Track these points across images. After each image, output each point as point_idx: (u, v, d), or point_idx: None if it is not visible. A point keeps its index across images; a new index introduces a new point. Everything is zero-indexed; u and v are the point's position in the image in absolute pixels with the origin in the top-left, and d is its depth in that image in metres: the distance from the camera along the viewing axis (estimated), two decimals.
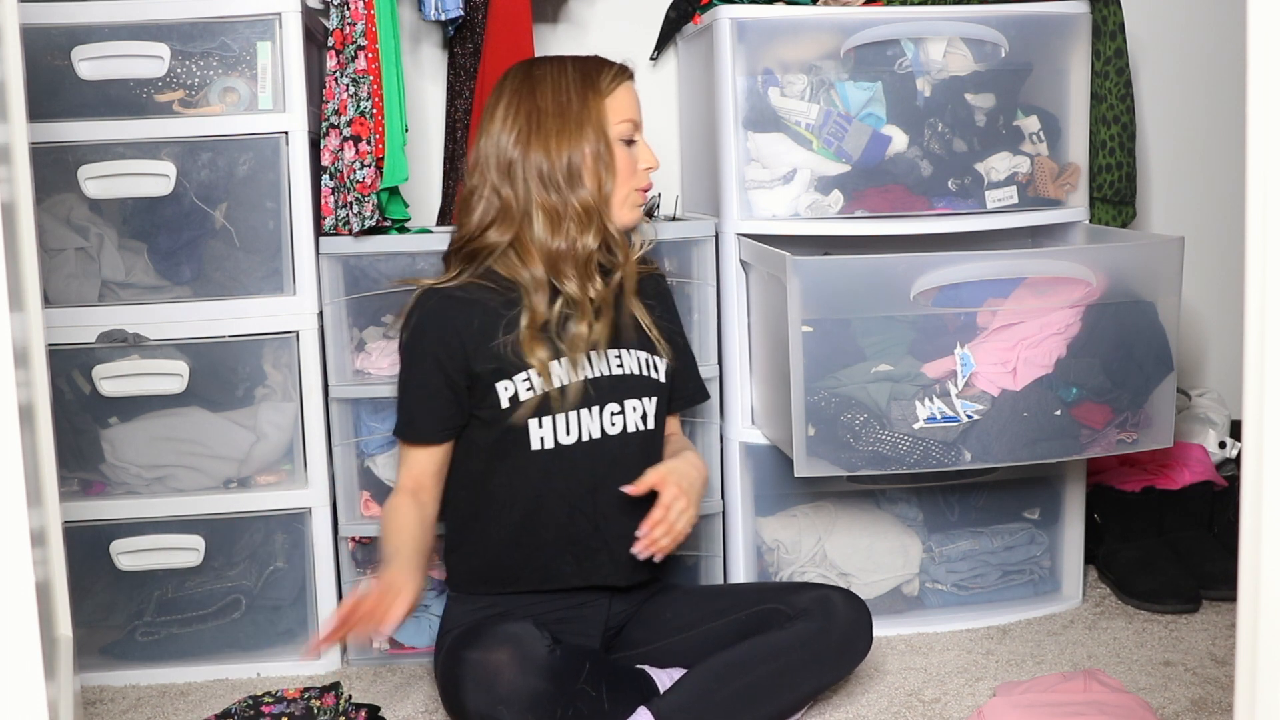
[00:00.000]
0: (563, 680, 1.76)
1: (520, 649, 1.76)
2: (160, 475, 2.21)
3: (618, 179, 1.95)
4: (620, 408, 1.97)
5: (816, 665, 1.90)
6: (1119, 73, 2.48)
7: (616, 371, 1.98)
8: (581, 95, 1.95)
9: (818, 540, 2.32)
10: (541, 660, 1.76)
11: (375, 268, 2.23)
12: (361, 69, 2.16)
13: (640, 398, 1.99)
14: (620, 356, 1.99)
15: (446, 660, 1.85)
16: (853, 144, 2.24)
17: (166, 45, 2.14)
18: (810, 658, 1.88)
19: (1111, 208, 2.54)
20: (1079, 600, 2.43)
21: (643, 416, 1.99)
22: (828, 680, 1.94)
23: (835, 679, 1.96)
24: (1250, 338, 0.97)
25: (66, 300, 2.16)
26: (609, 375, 1.97)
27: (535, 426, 1.92)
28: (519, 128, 1.94)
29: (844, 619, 1.91)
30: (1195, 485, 2.58)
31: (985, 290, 2.06)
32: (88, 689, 2.16)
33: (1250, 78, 0.96)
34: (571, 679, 1.78)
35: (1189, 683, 2.05)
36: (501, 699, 1.73)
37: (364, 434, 2.26)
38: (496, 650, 1.76)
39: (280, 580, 2.25)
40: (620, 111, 1.96)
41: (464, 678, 1.76)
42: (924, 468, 2.06)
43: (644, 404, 2.00)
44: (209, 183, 2.17)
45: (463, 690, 1.76)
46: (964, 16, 2.27)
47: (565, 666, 1.78)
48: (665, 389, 2.04)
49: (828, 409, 2.03)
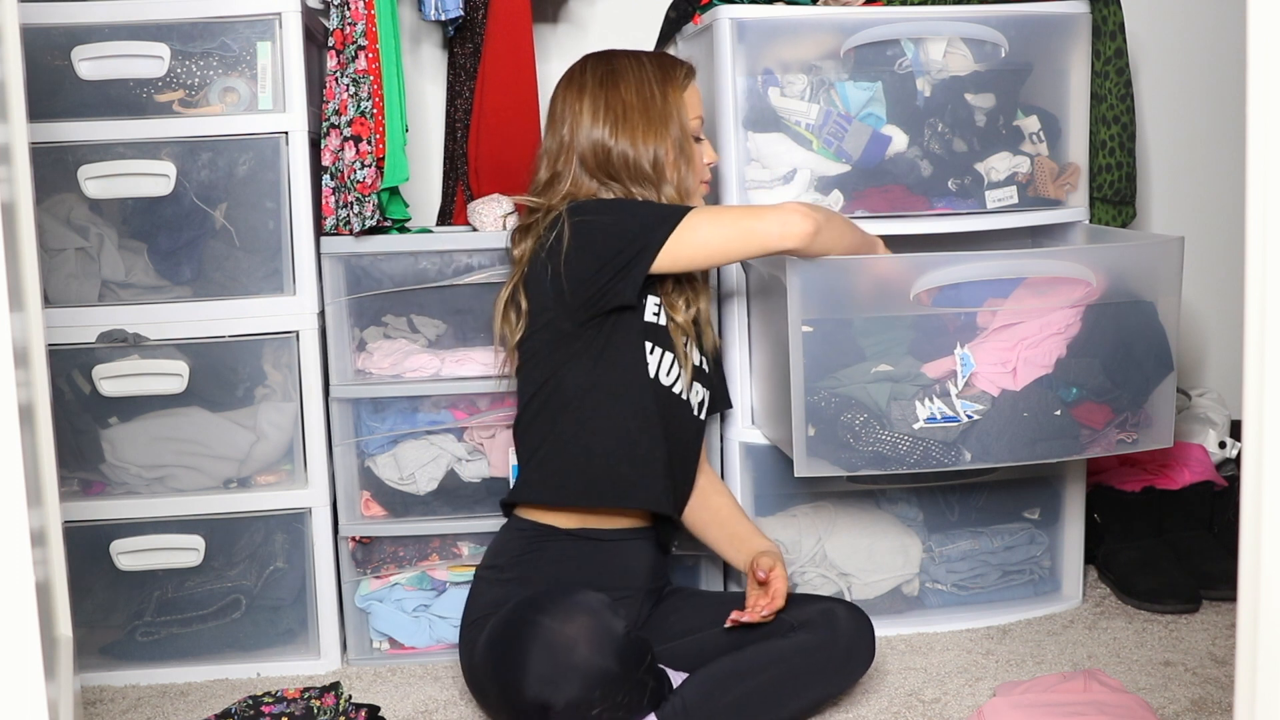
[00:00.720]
0: (629, 663, 1.75)
1: (599, 624, 1.73)
2: (160, 475, 2.21)
3: (694, 173, 2.06)
4: (697, 388, 2.08)
5: (819, 675, 1.90)
6: (1119, 73, 2.48)
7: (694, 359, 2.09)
8: (663, 90, 2.04)
9: (818, 540, 2.32)
10: (617, 639, 1.74)
11: (376, 268, 2.23)
12: (362, 69, 2.16)
13: (704, 385, 2.11)
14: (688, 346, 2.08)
15: (506, 626, 1.80)
16: (853, 144, 2.24)
17: (166, 45, 2.14)
18: (813, 668, 1.89)
19: (1111, 208, 2.54)
20: (1079, 600, 2.43)
21: (701, 403, 2.10)
22: (830, 691, 1.95)
23: (837, 690, 1.97)
24: (1250, 338, 0.97)
25: (66, 300, 2.16)
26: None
27: (649, 351, 2.00)
28: (610, 120, 2.02)
29: (847, 631, 1.92)
30: (1195, 485, 2.58)
31: (985, 290, 2.06)
32: (88, 689, 2.16)
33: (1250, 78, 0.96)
34: (636, 664, 1.77)
35: (1189, 683, 2.05)
36: (570, 669, 1.69)
37: (364, 434, 2.26)
38: (574, 621, 1.73)
39: (280, 580, 2.25)
40: (694, 107, 2.08)
41: (533, 642, 1.72)
42: (924, 468, 2.06)
43: (704, 392, 2.12)
44: (209, 183, 2.17)
45: (528, 654, 1.72)
46: (964, 16, 2.27)
47: (633, 651, 1.77)
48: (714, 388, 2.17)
49: (828, 409, 2.02)
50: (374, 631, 2.28)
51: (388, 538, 2.28)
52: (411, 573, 2.28)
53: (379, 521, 2.27)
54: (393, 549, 2.29)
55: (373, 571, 2.28)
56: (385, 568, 2.28)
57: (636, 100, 2.01)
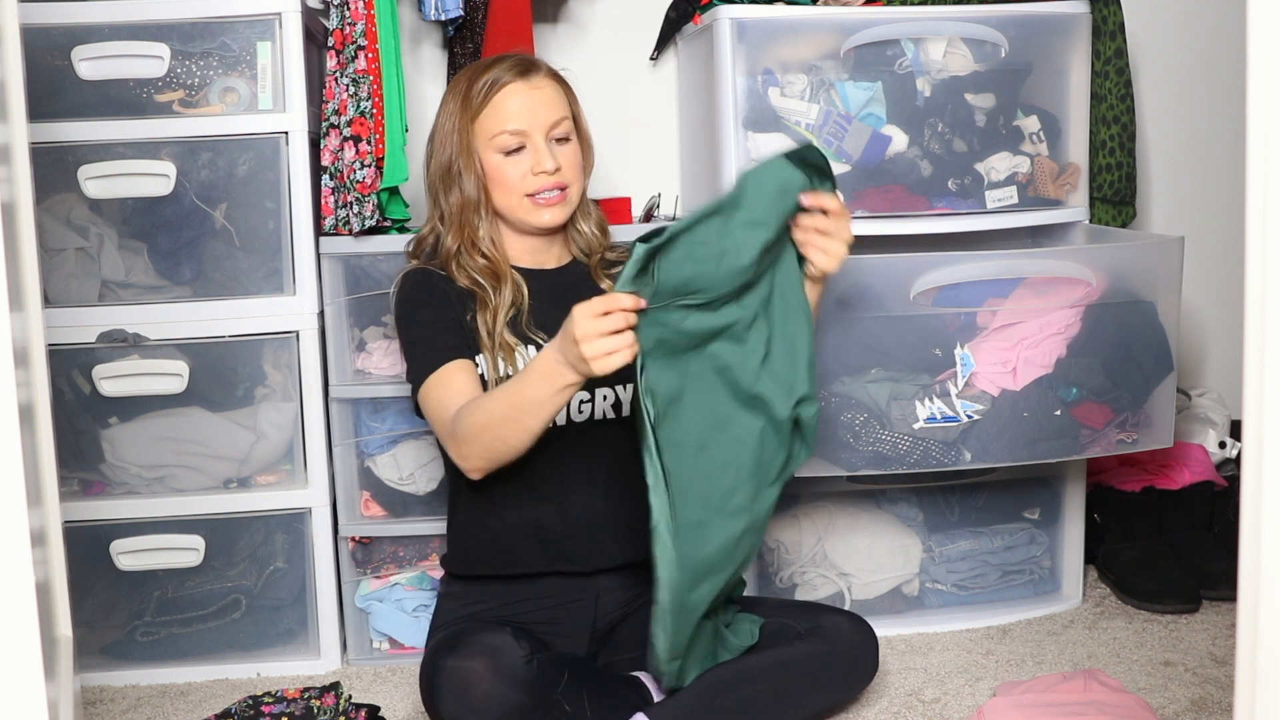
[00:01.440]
0: (539, 691, 1.77)
1: (496, 659, 1.76)
2: (160, 475, 2.21)
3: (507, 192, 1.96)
4: (590, 395, 1.94)
5: (820, 686, 1.89)
6: (1119, 73, 2.48)
7: None
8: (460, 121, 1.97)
9: (818, 540, 2.32)
10: (517, 671, 1.76)
11: (376, 268, 2.23)
12: (361, 69, 2.16)
13: (612, 386, 1.95)
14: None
15: (425, 666, 1.84)
16: (853, 144, 2.24)
17: (166, 45, 2.14)
18: (815, 678, 1.88)
19: (1111, 208, 2.54)
20: (1079, 600, 2.43)
21: (614, 405, 1.95)
22: (831, 702, 1.94)
23: (839, 701, 1.96)
24: (1250, 338, 0.97)
25: (66, 300, 2.16)
26: None
27: None
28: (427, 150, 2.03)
29: (851, 643, 1.91)
30: (1195, 485, 2.58)
31: (985, 290, 2.06)
32: (88, 689, 2.16)
33: (1250, 78, 0.96)
34: (548, 690, 1.78)
35: (1189, 683, 2.05)
36: (474, 708, 1.74)
37: (364, 434, 2.26)
38: (473, 659, 1.76)
39: (280, 580, 2.25)
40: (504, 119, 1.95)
41: (440, 685, 1.77)
42: (924, 468, 2.07)
43: (615, 392, 1.95)
44: (209, 183, 2.17)
45: (438, 697, 1.77)
46: (964, 16, 2.27)
47: (542, 677, 1.78)
48: None
49: (828, 409, 2.03)
50: (374, 631, 2.28)
51: (388, 538, 2.28)
52: (411, 573, 2.28)
53: (379, 521, 2.27)
54: (393, 549, 2.29)
55: (373, 571, 2.28)
56: (385, 568, 2.28)
57: (437, 136, 2.00)
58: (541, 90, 1.97)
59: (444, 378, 1.88)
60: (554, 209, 1.97)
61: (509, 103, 1.95)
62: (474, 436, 1.79)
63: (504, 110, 1.95)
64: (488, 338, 1.93)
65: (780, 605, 2.03)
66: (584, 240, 2.06)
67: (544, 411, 1.72)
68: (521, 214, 1.97)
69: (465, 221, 1.97)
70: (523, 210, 1.96)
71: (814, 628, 1.91)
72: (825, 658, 1.88)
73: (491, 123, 1.95)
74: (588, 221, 2.06)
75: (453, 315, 1.94)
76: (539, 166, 1.94)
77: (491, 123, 1.95)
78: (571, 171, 1.98)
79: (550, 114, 1.96)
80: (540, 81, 1.98)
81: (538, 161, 1.94)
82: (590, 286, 2.02)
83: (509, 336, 1.93)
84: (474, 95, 1.96)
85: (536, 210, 1.96)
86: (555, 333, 1.75)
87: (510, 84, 1.96)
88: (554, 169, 1.94)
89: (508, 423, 1.75)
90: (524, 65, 1.98)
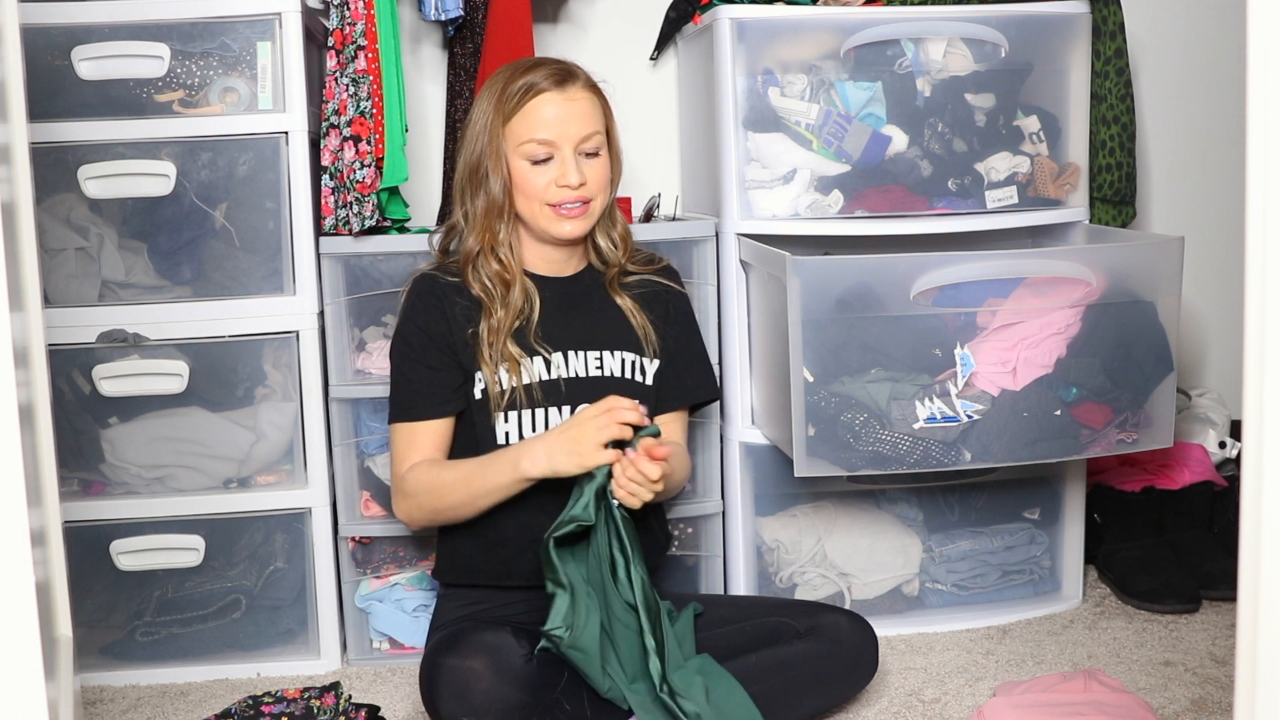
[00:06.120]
0: (539, 690, 1.77)
1: (496, 658, 1.77)
2: (160, 475, 2.21)
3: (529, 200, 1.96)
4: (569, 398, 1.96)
5: (819, 686, 1.89)
6: (1119, 73, 2.48)
7: (594, 373, 1.98)
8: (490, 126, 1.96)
9: (818, 540, 2.32)
10: (517, 670, 1.77)
11: (375, 268, 2.23)
12: (361, 69, 2.16)
13: None
14: (601, 358, 1.99)
15: (425, 665, 1.84)
16: (853, 144, 2.24)
17: (166, 45, 2.14)
18: (815, 677, 1.88)
19: (1111, 208, 2.54)
20: (1079, 600, 2.43)
21: None
22: (831, 701, 1.94)
23: (838, 701, 1.96)
24: (1250, 338, 0.97)
25: (66, 300, 2.16)
26: (585, 376, 1.97)
27: (502, 421, 1.94)
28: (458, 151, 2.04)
29: (851, 643, 1.91)
30: (1195, 485, 2.58)
31: (985, 290, 2.06)
32: (88, 689, 2.16)
33: (1250, 78, 0.96)
34: (548, 689, 1.78)
35: (1189, 683, 2.05)
36: (474, 708, 1.74)
37: (364, 434, 2.26)
38: (472, 658, 1.76)
39: (280, 580, 2.25)
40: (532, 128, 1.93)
41: (439, 684, 1.77)
42: (924, 468, 2.06)
43: None
44: (209, 183, 2.17)
45: (438, 696, 1.77)
46: (964, 16, 2.27)
47: (541, 677, 1.78)
48: (649, 393, 2.02)
49: (828, 409, 2.03)
50: (374, 631, 2.28)
51: (387, 538, 2.28)
52: (411, 573, 2.28)
53: (379, 521, 2.27)
54: (393, 549, 2.29)
55: (373, 571, 2.28)
56: (385, 568, 2.28)
57: (468, 132, 1.98)
58: (576, 102, 1.95)
59: (415, 432, 1.96)
60: (575, 221, 1.96)
61: (542, 111, 1.93)
62: (421, 497, 1.93)
63: (536, 118, 1.93)
64: (489, 349, 1.93)
65: (780, 604, 2.04)
66: (603, 252, 2.05)
67: (498, 497, 1.88)
68: (543, 222, 1.96)
69: (488, 226, 1.97)
70: (544, 219, 1.96)
71: (814, 627, 1.91)
72: (825, 657, 1.89)
73: (522, 129, 1.93)
74: (610, 233, 2.05)
75: (448, 345, 1.95)
76: (563, 179, 1.93)
77: (522, 129, 1.93)
78: (596, 186, 1.96)
79: (582, 127, 1.94)
80: (576, 93, 1.95)
81: (563, 174, 1.93)
82: (602, 297, 2.03)
83: (513, 348, 1.94)
84: (508, 98, 1.94)
85: (558, 221, 1.96)
86: (562, 343, 1.76)
87: (546, 92, 1.93)
88: (578, 184, 1.93)
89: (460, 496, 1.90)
90: (562, 74, 1.95)
